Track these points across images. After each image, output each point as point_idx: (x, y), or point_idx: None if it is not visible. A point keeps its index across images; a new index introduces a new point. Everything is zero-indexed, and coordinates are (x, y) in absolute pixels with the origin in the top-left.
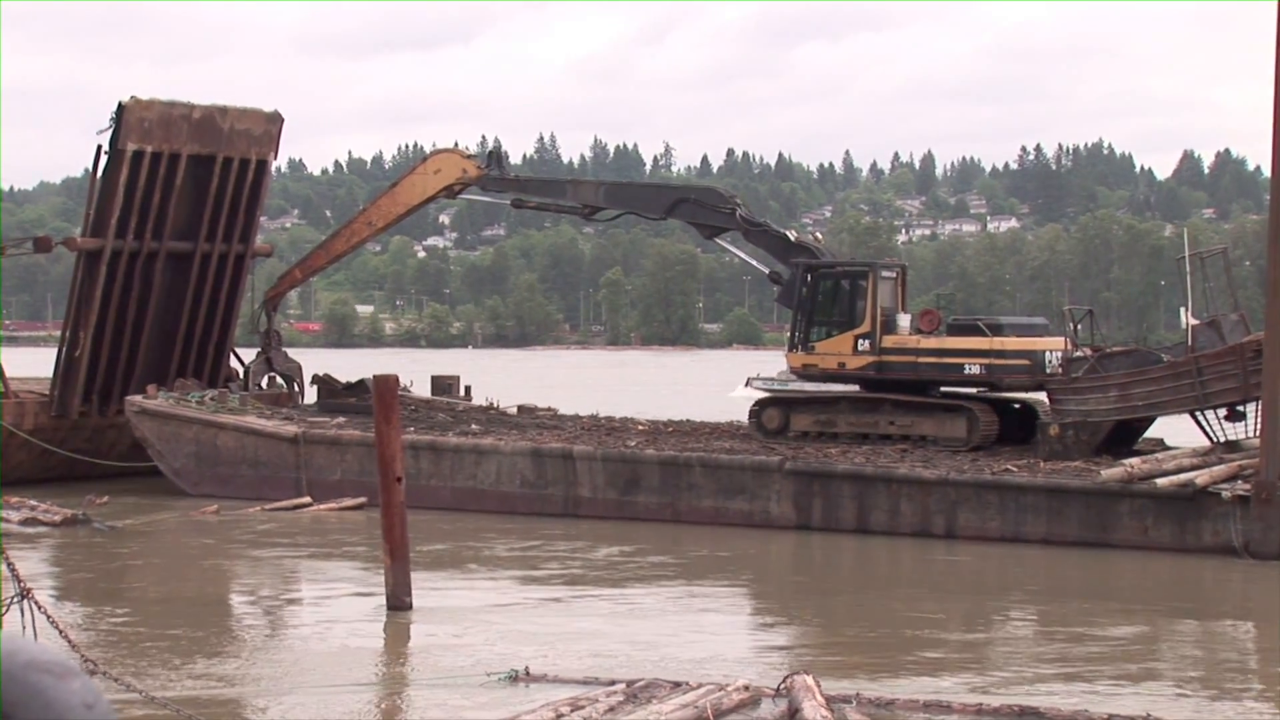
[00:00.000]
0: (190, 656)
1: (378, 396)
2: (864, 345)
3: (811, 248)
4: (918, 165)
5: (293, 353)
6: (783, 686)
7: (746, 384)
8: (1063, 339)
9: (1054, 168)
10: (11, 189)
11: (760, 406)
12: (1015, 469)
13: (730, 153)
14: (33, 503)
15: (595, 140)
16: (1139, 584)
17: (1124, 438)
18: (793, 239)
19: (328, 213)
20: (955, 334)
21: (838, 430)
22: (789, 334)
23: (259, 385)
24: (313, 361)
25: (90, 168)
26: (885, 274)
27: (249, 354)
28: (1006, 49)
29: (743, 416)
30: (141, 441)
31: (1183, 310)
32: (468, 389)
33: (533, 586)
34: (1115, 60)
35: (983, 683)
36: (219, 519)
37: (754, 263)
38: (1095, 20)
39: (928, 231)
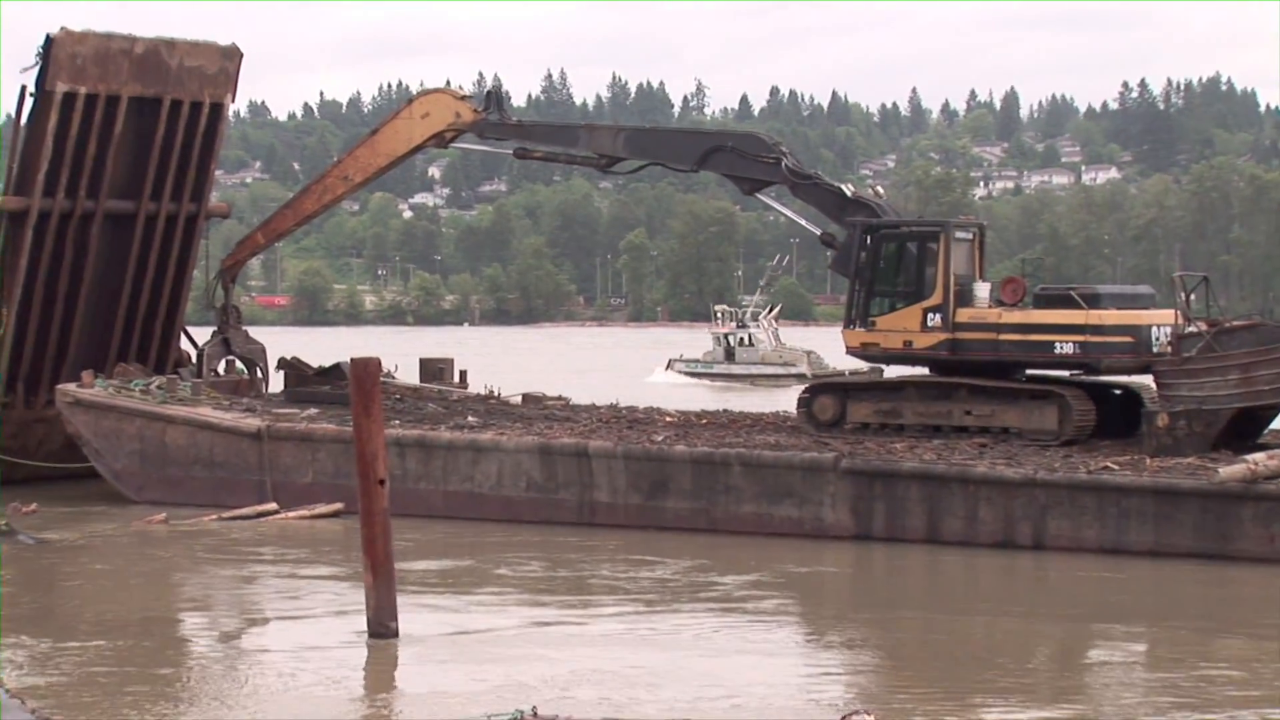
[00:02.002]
0: (133, 699)
1: (356, 384)
2: (934, 320)
3: (871, 204)
4: (998, 105)
5: (255, 332)
6: None
7: (668, 366)
8: (1173, 312)
9: (1162, 107)
10: None
11: (811, 393)
12: (1116, 467)
13: (774, 92)
14: None
15: (614, 78)
16: (1265, 603)
17: (1246, 429)
18: (849, 194)
19: (295, 165)
20: (1044, 306)
21: (903, 421)
22: (845, 307)
23: (215, 371)
24: (279, 342)
25: (13, 113)
26: (960, 235)
27: (203, 334)
28: None
29: (664, 402)
30: (75, 438)
31: None
32: (463, 374)
33: (541, 610)
34: None
35: None
36: (168, 530)
37: (803, 222)
38: None
39: (1010, 184)
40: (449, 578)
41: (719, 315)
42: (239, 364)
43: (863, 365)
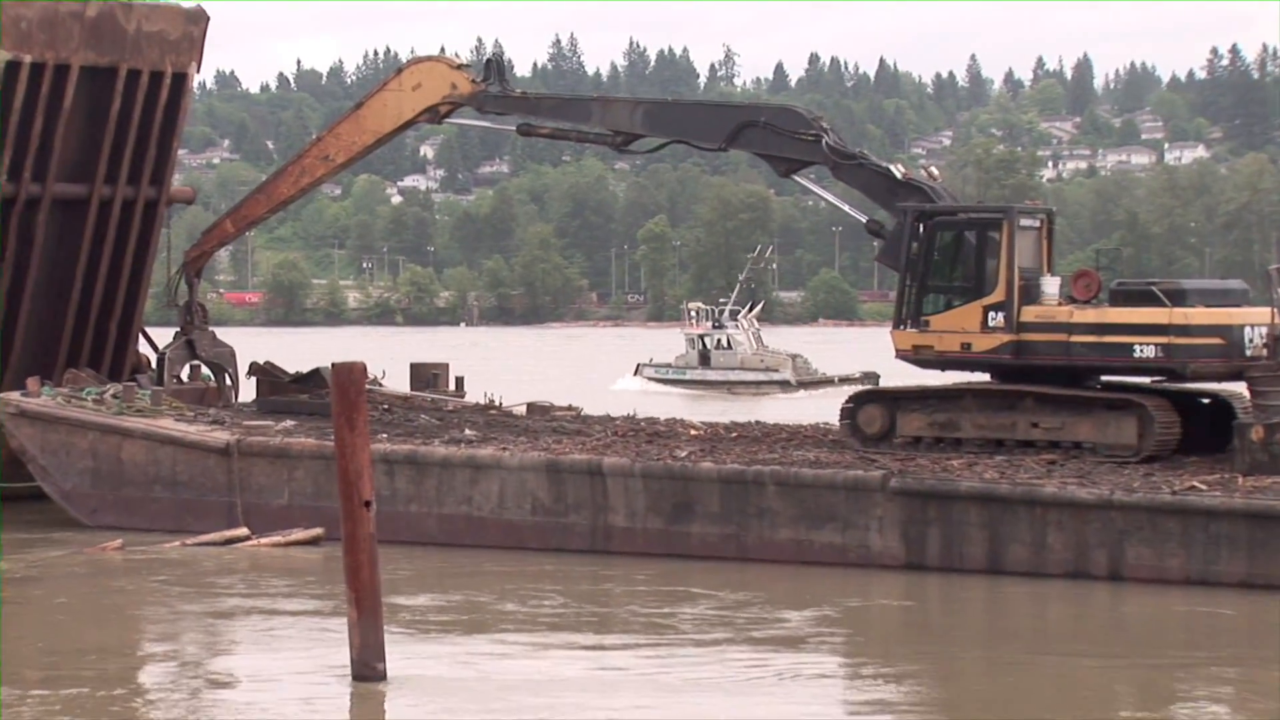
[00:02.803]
0: None
1: (338, 392)
2: (996, 319)
3: (924, 187)
4: (1069, 75)
5: (223, 333)
6: None
7: (636, 371)
8: (1268, 310)
9: (1256, 77)
10: None
11: (855, 403)
12: (1204, 486)
13: (814, 60)
14: None
15: (631, 44)
16: None
17: None
18: (899, 175)
19: (269, 144)
20: (1121, 304)
21: (961, 434)
22: (895, 305)
23: (178, 378)
24: (250, 345)
25: None
26: (1025, 222)
27: (164, 336)
28: None
29: (632, 409)
30: (19, 454)
31: None
32: (459, 381)
33: (548, 650)
34: None
35: None
36: (124, 559)
37: (846, 208)
38: None
39: (1083, 164)
40: (444, 613)
41: (693, 314)
42: (205, 370)
43: (854, 370)
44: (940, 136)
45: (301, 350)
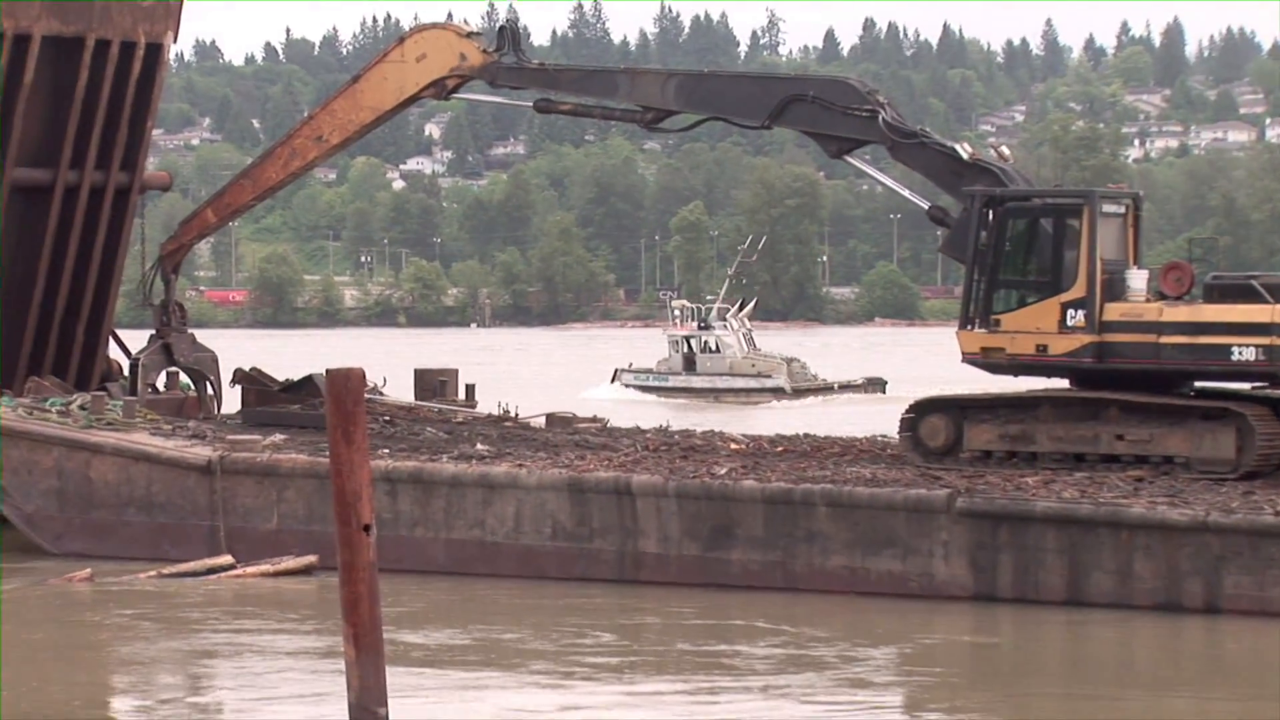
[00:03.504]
0: None
1: (334, 402)
2: (1076, 318)
3: (994, 169)
4: (1157, 41)
5: (205, 336)
6: None
7: (614, 378)
8: None
9: None
10: None
11: (917, 412)
12: None
13: (869, 26)
14: None
15: (662, 9)
16: None
17: None
18: (965, 155)
19: (255, 123)
20: (1217, 300)
21: (1037, 448)
22: (961, 302)
23: (153, 386)
24: (235, 349)
25: None
26: (1108, 208)
27: (137, 339)
28: None
29: (613, 417)
30: None
31: None
32: (470, 389)
33: (570, 693)
34: None
35: None
36: (93, 591)
37: (906, 193)
38: None
39: (1174, 142)
40: (453, 651)
41: (676, 313)
42: (184, 377)
43: (856, 376)
44: (1012, 111)
45: (292, 355)
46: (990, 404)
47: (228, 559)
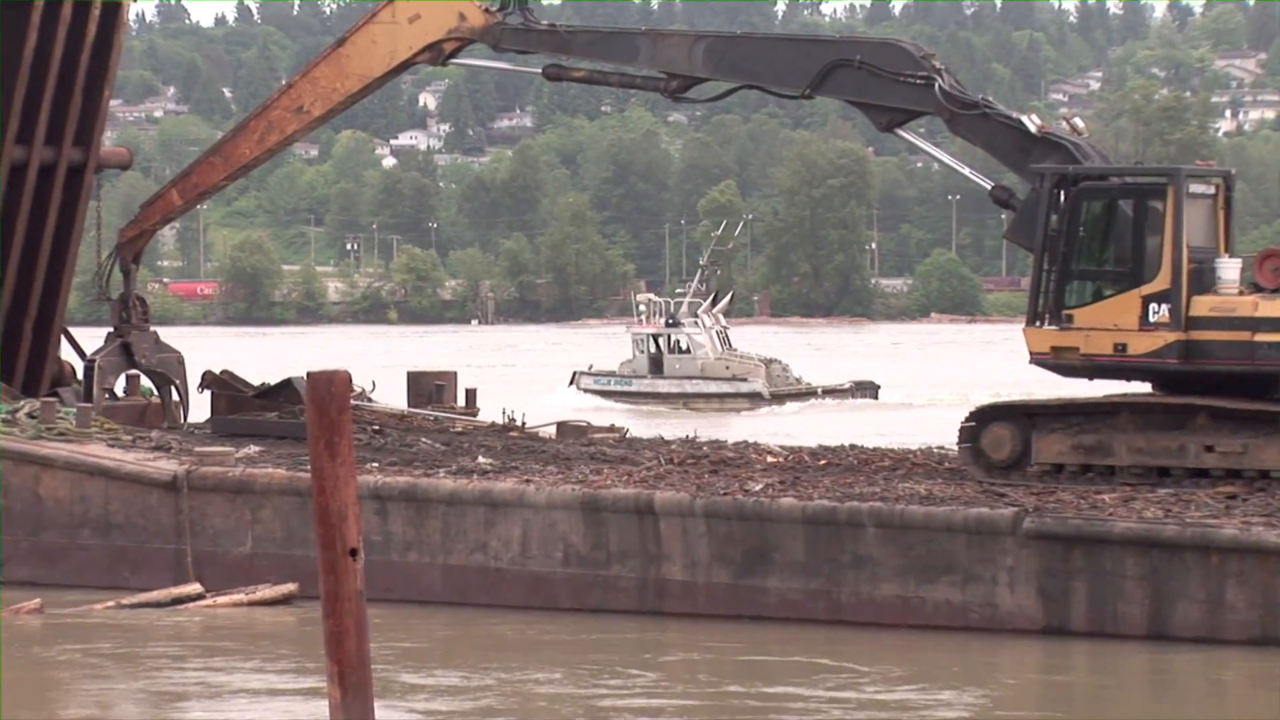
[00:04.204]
0: None
1: (316, 410)
2: (1159, 313)
3: (1066, 144)
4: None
5: (169, 335)
6: None
7: (571, 381)
8: None
9: None
10: None
11: (978, 421)
12: None
13: None
14: None
15: None
16: None
17: None
18: (1033, 129)
19: (226, 92)
20: None
21: (1115, 461)
22: (1029, 295)
23: (110, 391)
24: (204, 350)
25: None
26: (1196, 188)
27: (92, 338)
28: None
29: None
30: None
31: None
32: (470, 394)
33: None
34: None
35: None
36: (44, 623)
37: (966, 171)
38: None
39: (1270, 112)
40: (450, 694)
41: (642, 308)
42: (145, 381)
43: (843, 380)
44: (1086, 79)
45: (269, 356)
46: (1062, 411)
47: (196, 587)
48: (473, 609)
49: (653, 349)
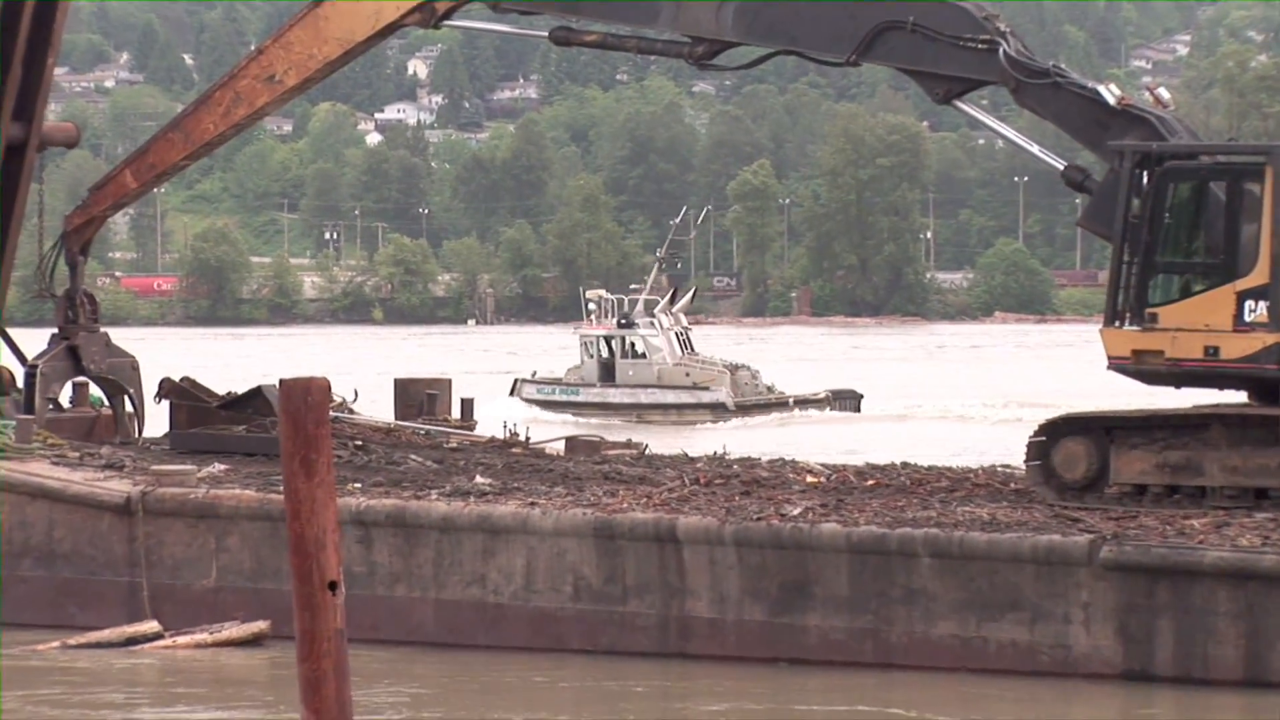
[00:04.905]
0: None
1: (290, 422)
2: (1257, 311)
3: (1150, 118)
4: None
5: (122, 336)
6: None
7: (513, 390)
8: None
9: None
10: None
11: (1049, 435)
12: None
13: None
14: None
15: None
16: None
17: None
18: (1112, 100)
19: (187, 59)
20: None
21: (1206, 481)
22: (1107, 292)
23: (54, 401)
24: (162, 353)
25: None
26: None
27: (34, 340)
28: None
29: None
30: None
31: None
32: (466, 405)
33: None
34: None
35: None
36: None
37: (1035, 149)
38: None
39: None
40: None
41: (592, 307)
42: (95, 389)
43: (818, 390)
44: (1172, 43)
45: (235, 360)
46: (1144, 424)
47: (153, 626)
48: (469, 651)
49: (603, 353)
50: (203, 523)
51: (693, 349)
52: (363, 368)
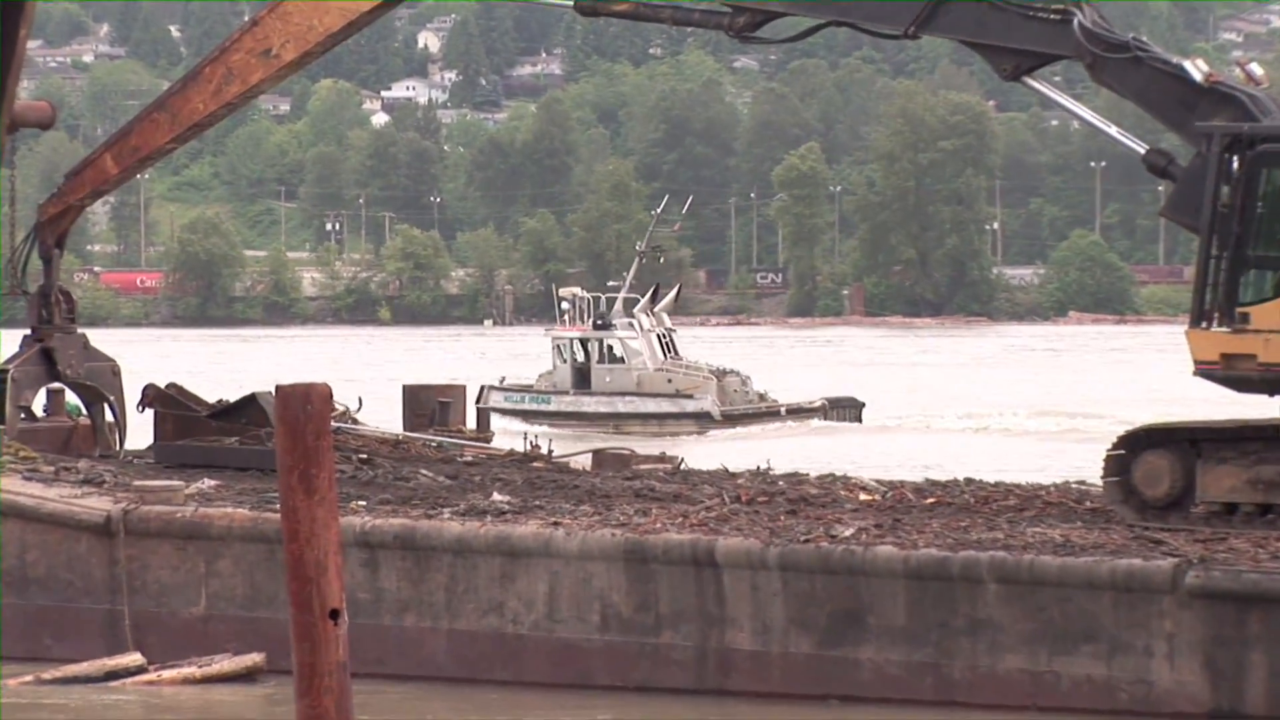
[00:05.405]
0: None
1: (287, 433)
2: None
3: (1241, 96)
4: None
5: (101, 338)
6: None
7: (479, 397)
8: None
9: None
10: None
11: (1129, 448)
12: None
13: None
14: None
15: None
16: None
17: None
18: (1198, 77)
19: (173, 31)
20: None
21: None
22: (1193, 289)
23: (27, 409)
24: (146, 357)
25: None
26: None
27: (5, 343)
28: None
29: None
30: None
31: None
32: (482, 416)
33: None
34: None
35: None
36: None
37: (1113, 131)
38: None
39: None
40: None
41: (565, 306)
42: (71, 397)
43: (813, 398)
44: (1266, 13)
45: (227, 365)
46: (1235, 436)
47: (136, 658)
48: (486, 687)
49: (578, 357)
50: (191, 544)
51: (676, 353)
52: (368, 373)
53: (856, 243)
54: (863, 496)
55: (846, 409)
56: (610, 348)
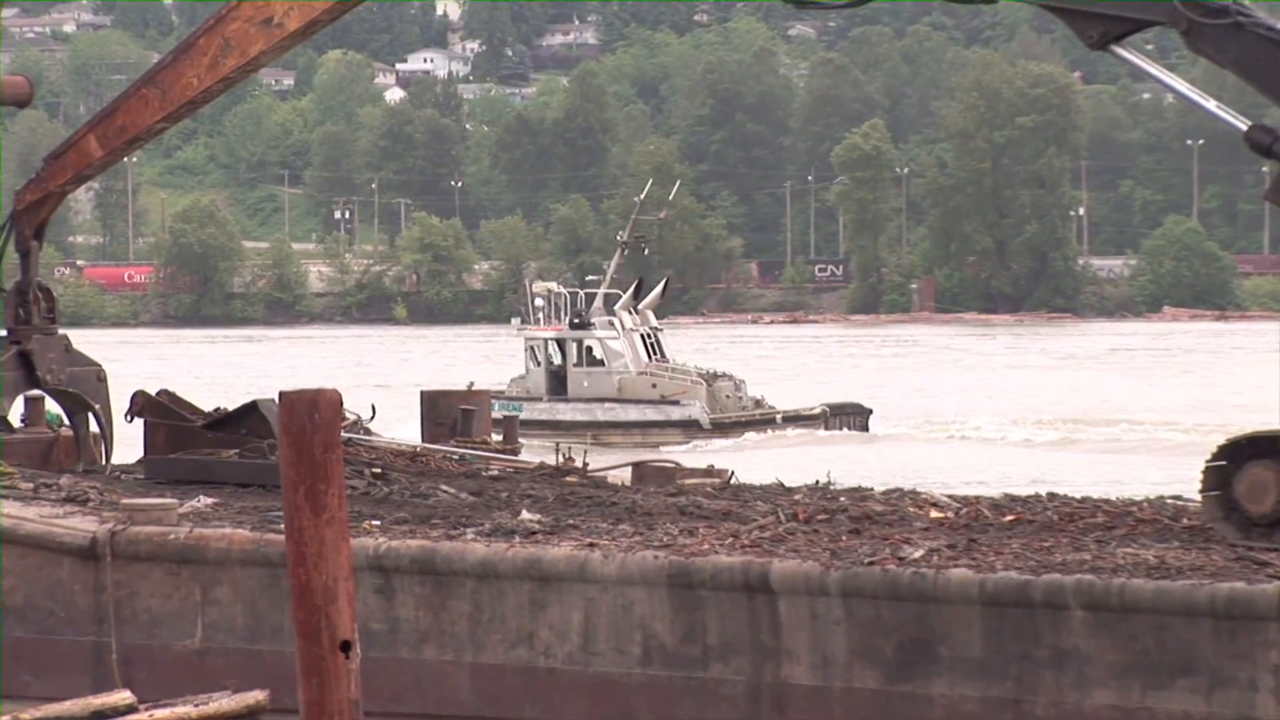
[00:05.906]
0: None
1: (292, 445)
2: None
3: None
4: None
5: (85, 339)
6: None
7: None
8: None
9: None
10: None
11: (1229, 457)
12: None
13: None
14: None
15: None
16: None
17: None
18: None
19: None
20: None
21: None
22: None
23: (3, 419)
24: (134, 361)
25: None
26: None
27: None
28: None
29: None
30: None
31: None
32: (509, 424)
33: None
34: None
35: None
36: None
37: (1211, 105)
38: None
39: None
40: None
41: (539, 303)
42: (51, 405)
43: (812, 404)
44: None
45: (225, 369)
46: None
47: (124, 696)
48: None
49: (553, 360)
50: (185, 569)
51: (662, 354)
52: (382, 378)
53: (926, 231)
54: (934, 514)
55: (851, 416)
56: (589, 349)
